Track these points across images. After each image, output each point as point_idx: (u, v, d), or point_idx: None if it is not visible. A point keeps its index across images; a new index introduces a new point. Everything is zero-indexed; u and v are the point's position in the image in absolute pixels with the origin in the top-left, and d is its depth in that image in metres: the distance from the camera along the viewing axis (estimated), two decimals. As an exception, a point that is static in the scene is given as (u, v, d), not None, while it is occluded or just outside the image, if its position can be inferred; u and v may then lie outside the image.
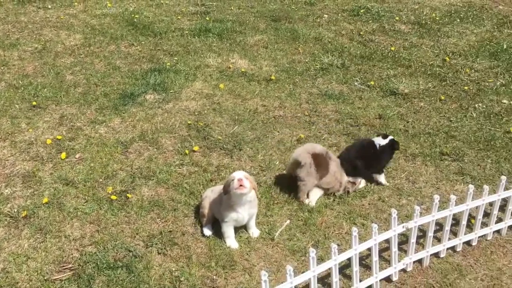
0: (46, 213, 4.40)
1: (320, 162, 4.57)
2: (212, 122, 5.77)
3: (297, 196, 4.60)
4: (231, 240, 4.11)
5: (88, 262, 3.92)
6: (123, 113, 5.92)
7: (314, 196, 4.60)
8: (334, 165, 4.64)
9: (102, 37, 7.96)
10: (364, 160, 4.72)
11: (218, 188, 4.27)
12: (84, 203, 4.52)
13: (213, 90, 6.47)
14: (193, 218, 4.39)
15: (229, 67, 7.06)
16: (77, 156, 5.15)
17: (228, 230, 4.10)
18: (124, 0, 9.63)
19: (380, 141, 4.74)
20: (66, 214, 4.39)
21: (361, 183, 4.71)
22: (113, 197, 4.55)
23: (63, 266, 3.90)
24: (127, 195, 4.60)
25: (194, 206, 4.50)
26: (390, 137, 4.77)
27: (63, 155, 5.11)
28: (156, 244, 4.10)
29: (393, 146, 4.75)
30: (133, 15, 8.84)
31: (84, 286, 3.74)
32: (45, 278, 3.81)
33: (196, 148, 5.29)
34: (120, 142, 5.38)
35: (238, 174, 3.95)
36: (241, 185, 3.90)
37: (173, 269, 3.88)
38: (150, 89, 6.41)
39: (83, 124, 5.68)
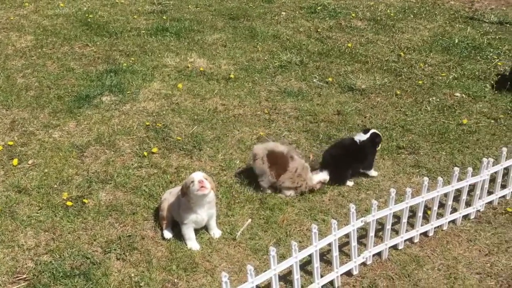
0: (-2, 222, 4.23)
1: (275, 161, 4.58)
2: (171, 123, 5.69)
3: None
4: (192, 242, 4.07)
5: (43, 272, 3.79)
6: (78, 116, 5.76)
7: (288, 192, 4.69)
8: (296, 164, 4.65)
9: (55, 38, 7.73)
10: (349, 158, 4.77)
11: (177, 190, 4.21)
12: (38, 210, 4.37)
13: (171, 90, 6.39)
14: (152, 221, 4.31)
15: (188, 67, 6.98)
16: (30, 162, 4.97)
17: (189, 232, 4.05)
18: (78, 0, 9.37)
19: (360, 137, 4.80)
20: (19, 222, 4.23)
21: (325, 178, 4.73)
22: (69, 203, 4.42)
23: (17, 277, 3.76)
24: (84, 200, 4.47)
25: (153, 209, 4.42)
26: (372, 131, 4.83)
27: (15, 161, 4.93)
28: (114, 249, 4.01)
29: (373, 140, 4.80)
30: (87, 15, 8.62)
31: (40, 296, 3.62)
32: (-2, 290, 3.67)
33: (154, 149, 5.20)
34: (76, 146, 5.23)
35: (198, 175, 3.90)
36: (202, 186, 3.87)
37: (133, 275, 3.80)
38: (106, 91, 6.26)
39: (36, 129, 5.49)
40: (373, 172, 4.90)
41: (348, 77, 6.78)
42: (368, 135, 4.80)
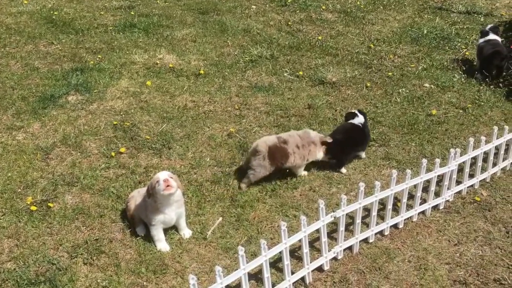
0: (-42, 230, 4.08)
1: (274, 153, 4.59)
2: (140, 121, 5.59)
3: (241, 181, 4.63)
4: (161, 243, 3.99)
5: (6, 280, 3.67)
6: (43, 117, 5.60)
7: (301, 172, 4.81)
8: (293, 144, 4.66)
9: (18, 37, 7.50)
10: (355, 142, 4.94)
11: (145, 189, 4.13)
12: (1, 216, 4.23)
13: (140, 88, 6.27)
14: (121, 223, 4.22)
15: (157, 63, 6.86)
16: (-8, 166, 4.82)
17: (158, 233, 3.98)
18: (42, -4, 9.12)
19: (359, 120, 4.96)
20: (-19, 230, 4.09)
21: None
22: (33, 207, 4.29)
23: (-21, 287, 3.64)
24: (49, 204, 4.35)
25: (121, 211, 4.33)
26: (358, 111, 5.05)
27: (-23, 166, 4.77)
28: (81, 254, 3.91)
29: (366, 117, 5.05)
30: (52, 12, 8.39)
31: (3, 306, 3.51)
32: (-41, 301, 3.54)
33: (122, 149, 5.09)
34: (40, 148, 5.08)
35: (163, 175, 3.83)
36: (168, 186, 3.79)
37: (100, 280, 3.71)
38: (72, 90, 6.10)
39: (-2, 131, 5.32)
40: (364, 154, 5.10)
41: (318, 70, 6.76)
42: (361, 115, 4.99)
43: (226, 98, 6.14)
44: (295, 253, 3.94)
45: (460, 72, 6.73)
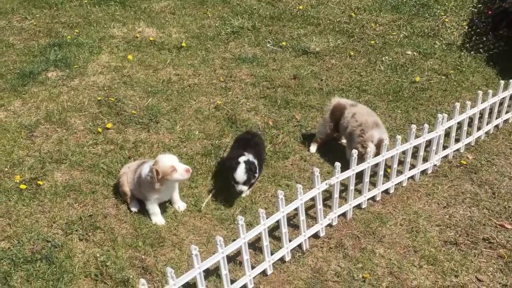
0: None
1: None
2: (124, 96, 5.49)
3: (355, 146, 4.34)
4: (157, 217, 3.99)
5: (2, 259, 3.62)
6: (24, 94, 5.44)
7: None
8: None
9: (-11, 12, 7.21)
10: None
11: (135, 164, 4.10)
12: (-10, 196, 4.15)
13: (121, 62, 6.13)
14: (114, 199, 4.18)
15: (137, 37, 6.71)
16: (-25, 146, 4.68)
17: (153, 207, 3.97)
18: (11, -31, 8.73)
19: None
20: (-30, 210, 4.00)
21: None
22: (22, 186, 4.21)
23: (-27, 268, 3.58)
24: (38, 182, 4.27)
25: (113, 187, 4.29)
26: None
27: (-41, 146, 4.63)
28: (76, 230, 3.87)
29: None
30: (22, -14, 8.05)
31: (0, 284, 3.46)
32: (-46, 283, 3.48)
33: (109, 125, 5.01)
34: (24, 126, 4.96)
35: (173, 161, 3.81)
36: (187, 171, 3.83)
37: (98, 255, 3.69)
38: (51, 66, 5.93)
39: (-22, 110, 5.16)
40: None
41: (301, 41, 6.73)
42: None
43: (210, 71, 6.08)
44: (289, 221, 3.99)
45: (441, 39, 6.80)
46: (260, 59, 6.33)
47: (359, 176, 4.09)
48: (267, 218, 3.50)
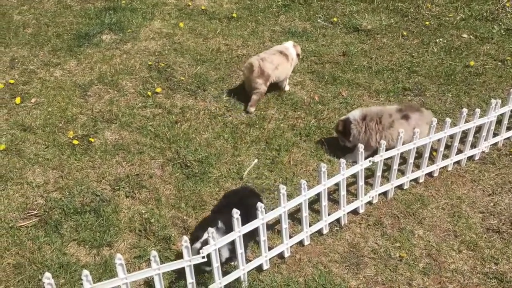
0: (5, 160, 4.22)
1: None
2: (174, 63, 5.59)
3: None
4: None
5: (54, 208, 3.83)
6: (79, 54, 5.63)
7: None
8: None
9: (49, -27, 7.41)
10: None
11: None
12: (45, 148, 4.36)
13: (172, 29, 6.22)
14: (160, 160, 4.32)
15: (189, 5, 6.77)
16: (32, 100, 4.90)
17: None
18: None
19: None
20: (26, 160, 4.23)
21: None
22: (75, 141, 4.40)
23: (28, 213, 3.80)
24: (90, 139, 4.45)
25: (160, 149, 4.42)
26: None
27: (18, 99, 4.86)
28: (123, 187, 4.04)
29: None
30: (81, -51, 8.22)
31: (51, 232, 3.67)
32: (10, 225, 3.71)
33: (158, 89, 5.13)
34: (78, 85, 5.14)
35: None
36: None
37: (143, 212, 3.85)
38: (106, 29, 6.08)
39: (36, 67, 5.38)
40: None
41: (353, 17, 6.61)
42: None
43: (259, 43, 6.08)
44: (329, 196, 4.02)
45: (500, 23, 6.53)
46: (310, 34, 6.28)
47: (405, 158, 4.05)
48: (309, 190, 3.54)
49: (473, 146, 4.46)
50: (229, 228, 3.19)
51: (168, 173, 4.21)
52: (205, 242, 3.08)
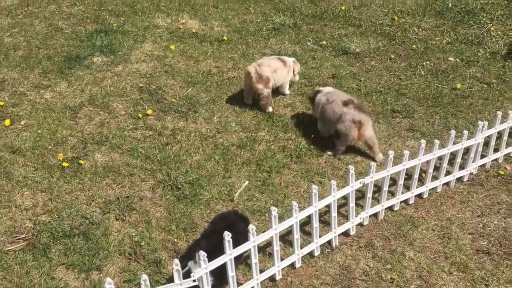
0: (-7, 183, 4.19)
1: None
2: (165, 85, 5.62)
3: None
4: None
5: (42, 232, 3.79)
6: (69, 76, 5.64)
7: None
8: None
9: (41, -4, 7.48)
10: None
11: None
12: (34, 171, 4.33)
13: (164, 52, 6.27)
14: (151, 182, 4.31)
15: (180, 28, 6.84)
16: (22, 122, 4.89)
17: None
18: (63, -44, 9.01)
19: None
20: (15, 183, 4.19)
21: None
22: (65, 164, 4.38)
23: (16, 237, 3.75)
24: (80, 161, 4.44)
25: (150, 171, 4.41)
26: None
27: (7, 121, 4.84)
28: (113, 210, 4.01)
29: None
30: (73, -27, 8.31)
31: (40, 255, 3.63)
32: (-3, 250, 3.66)
33: (149, 111, 5.14)
34: (68, 107, 5.14)
35: None
36: None
37: (133, 234, 3.82)
38: (97, 51, 6.12)
39: (26, 89, 5.38)
40: None
41: (342, 41, 6.72)
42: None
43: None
44: (320, 217, 4.01)
45: (485, 47, 6.68)
46: (300, 56, 6.36)
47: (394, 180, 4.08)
48: (300, 211, 3.54)
49: (462, 167, 4.51)
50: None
51: (159, 195, 4.19)
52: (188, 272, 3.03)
